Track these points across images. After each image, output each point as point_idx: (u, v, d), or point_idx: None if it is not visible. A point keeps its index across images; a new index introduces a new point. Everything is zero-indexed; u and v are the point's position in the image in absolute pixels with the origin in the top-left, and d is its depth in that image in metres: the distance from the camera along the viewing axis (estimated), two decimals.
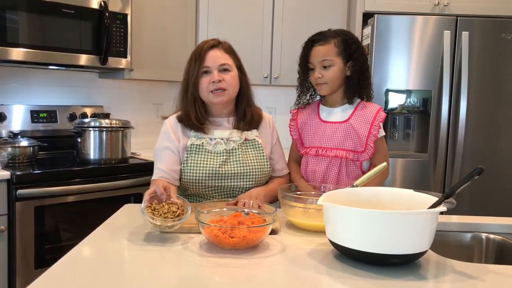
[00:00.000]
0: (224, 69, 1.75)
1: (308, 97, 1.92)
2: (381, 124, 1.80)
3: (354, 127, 1.78)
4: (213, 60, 1.74)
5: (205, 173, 1.72)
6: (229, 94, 1.76)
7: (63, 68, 2.99)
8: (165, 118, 1.87)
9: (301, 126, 1.90)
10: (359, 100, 1.85)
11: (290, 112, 1.97)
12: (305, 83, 1.88)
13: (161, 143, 1.79)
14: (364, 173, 1.79)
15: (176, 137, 1.78)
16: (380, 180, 1.80)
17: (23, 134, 2.73)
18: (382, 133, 1.80)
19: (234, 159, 1.76)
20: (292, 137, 1.93)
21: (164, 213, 1.35)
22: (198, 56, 1.74)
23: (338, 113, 1.84)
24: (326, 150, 1.80)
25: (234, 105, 1.85)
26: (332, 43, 1.77)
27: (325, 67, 1.76)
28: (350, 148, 1.79)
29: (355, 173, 1.82)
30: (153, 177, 1.75)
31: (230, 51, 1.80)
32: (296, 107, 1.95)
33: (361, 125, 1.78)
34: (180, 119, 1.80)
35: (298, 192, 1.59)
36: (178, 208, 1.37)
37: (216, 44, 1.77)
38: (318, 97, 1.94)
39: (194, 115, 1.76)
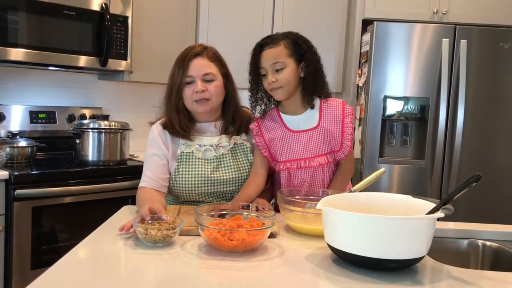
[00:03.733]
0: (208, 79, 1.72)
1: (263, 107, 1.79)
2: (352, 119, 1.75)
3: (327, 129, 1.72)
4: (197, 69, 1.71)
5: (197, 180, 1.73)
6: (213, 103, 1.74)
7: (63, 69, 3.00)
8: (152, 123, 1.85)
9: (269, 142, 1.75)
10: (318, 100, 1.75)
11: (250, 128, 1.80)
12: (257, 92, 1.75)
13: (149, 150, 1.79)
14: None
15: (165, 143, 1.78)
16: (347, 180, 1.83)
17: (21, 134, 2.74)
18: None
19: (225, 165, 1.77)
20: (263, 154, 1.77)
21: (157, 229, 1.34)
22: (182, 64, 1.71)
23: (305, 120, 1.74)
24: (309, 161, 1.72)
25: (221, 111, 1.83)
26: (282, 45, 1.66)
27: (277, 70, 1.65)
28: (327, 151, 1.74)
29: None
30: (141, 184, 1.75)
31: (214, 58, 1.76)
32: (255, 120, 1.80)
33: (333, 124, 1.72)
34: (164, 126, 1.78)
35: (297, 197, 1.60)
36: (169, 225, 1.38)
37: (200, 51, 1.73)
38: (272, 106, 1.81)
39: (178, 123, 1.74)
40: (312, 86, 1.70)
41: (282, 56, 1.66)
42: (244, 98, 1.87)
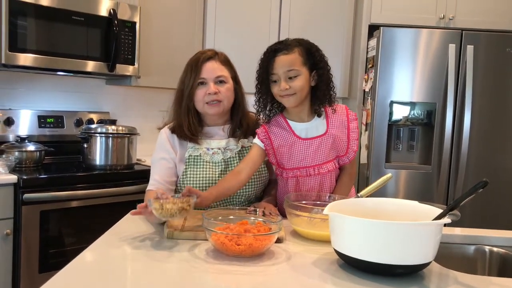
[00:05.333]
0: (220, 81, 1.75)
1: (267, 112, 1.77)
2: (357, 124, 1.77)
3: (335, 135, 1.73)
4: (210, 72, 1.74)
5: (205, 183, 1.74)
6: (224, 105, 1.77)
7: (71, 74, 3.03)
8: (160, 128, 1.87)
9: (277, 148, 1.73)
10: (322, 106, 1.74)
11: (257, 133, 1.76)
12: (265, 97, 1.72)
13: (157, 154, 1.80)
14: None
15: (173, 147, 1.79)
16: (351, 184, 1.84)
17: (30, 138, 2.76)
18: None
19: (232, 168, 1.77)
20: (271, 161, 1.76)
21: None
22: (195, 67, 1.74)
23: (313, 127, 1.73)
24: (318, 168, 1.73)
25: (229, 114, 1.86)
26: (296, 52, 1.64)
27: (290, 77, 1.63)
28: (334, 156, 1.75)
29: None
30: (148, 187, 1.77)
31: (226, 62, 1.80)
32: (262, 125, 1.77)
33: (340, 130, 1.74)
34: (173, 130, 1.80)
35: (304, 202, 1.60)
36: (184, 199, 1.40)
37: (212, 55, 1.77)
38: (276, 111, 1.79)
39: (187, 126, 1.76)
40: (324, 95, 1.70)
41: (296, 64, 1.64)
42: (251, 102, 1.87)
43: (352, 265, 1.22)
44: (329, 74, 1.71)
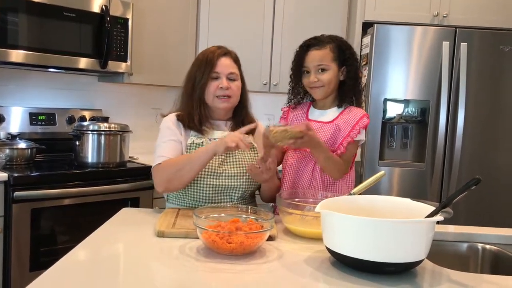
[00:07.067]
0: (231, 78, 1.81)
1: (298, 99, 1.92)
2: (363, 130, 1.79)
3: (337, 128, 1.79)
4: (224, 67, 1.79)
5: (204, 171, 1.74)
6: (233, 101, 1.83)
7: (63, 71, 3.00)
8: (164, 116, 1.89)
9: (290, 124, 1.88)
10: (348, 104, 1.86)
11: (281, 110, 1.97)
12: (297, 87, 1.89)
13: (165, 137, 1.81)
14: None
15: (179, 132, 1.82)
16: (334, 162, 1.79)
17: (21, 136, 2.74)
18: (360, 137, 1.79)
19: (232, 160, 1.79)
20: None
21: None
22: (210, 61, 1.79)
23: (325, 115, 1.85)
24: None
25: (232, 112, 1.90)
26: (328, 48, 1.79)
27: (320, 71, 1.78)
28: (327, 146, 1.77)
29: None
30: (158, 161, 1.74)
31: (237, 60, 1.86)
32: (288, 105, 1.96)
33: (344, 126, 1.78)
34: (179, 118, 1.82)
35: (296, 199, 1.60)
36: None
37: (226, 52, 1.83)
38: (308, 99, 1.94)
39: (198, 117, 1.80)
40: (351, 90, 1.83)
41: (326, 59, 1.78)
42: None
43: (344, 263, 1.22)
44: (357, 72, 1.84)
